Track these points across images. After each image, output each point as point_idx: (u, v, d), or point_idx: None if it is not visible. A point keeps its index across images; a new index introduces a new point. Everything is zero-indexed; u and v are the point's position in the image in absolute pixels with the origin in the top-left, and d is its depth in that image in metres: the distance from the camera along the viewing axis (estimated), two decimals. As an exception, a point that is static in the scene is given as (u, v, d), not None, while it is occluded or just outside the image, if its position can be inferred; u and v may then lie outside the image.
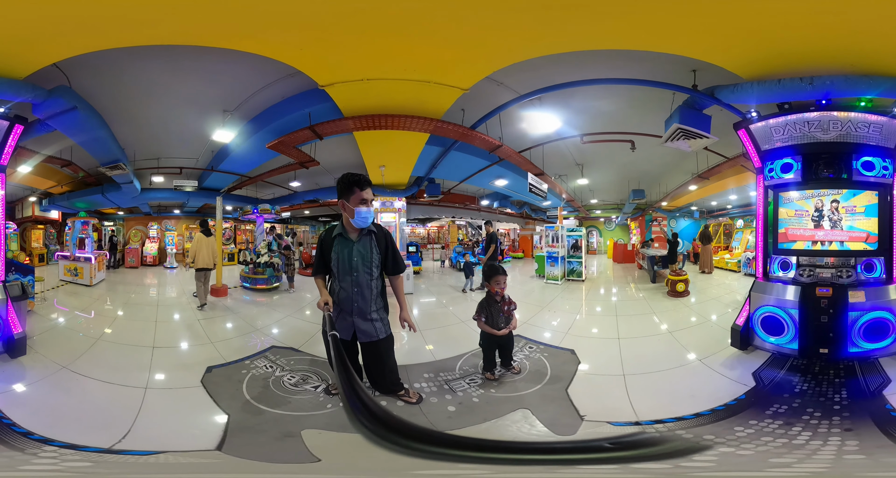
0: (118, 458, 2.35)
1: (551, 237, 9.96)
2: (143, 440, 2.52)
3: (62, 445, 2.41)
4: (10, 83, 4.00)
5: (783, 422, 2.68)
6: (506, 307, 3.64)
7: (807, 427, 2.61)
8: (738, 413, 2.86)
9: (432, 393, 3.27)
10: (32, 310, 5.77)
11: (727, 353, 4.12)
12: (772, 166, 4.24)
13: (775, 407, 2.93)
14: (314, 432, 2.67)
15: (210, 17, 3.42)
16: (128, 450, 2.41)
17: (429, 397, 3.18)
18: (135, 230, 15.23)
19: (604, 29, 3.54)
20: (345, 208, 2.93)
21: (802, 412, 2.82)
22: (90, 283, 8.74)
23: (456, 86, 4.75)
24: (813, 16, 3.04)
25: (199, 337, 5.02)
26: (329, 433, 2.68)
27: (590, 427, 2.76)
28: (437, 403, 3.11)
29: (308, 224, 22.90)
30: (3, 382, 3.30)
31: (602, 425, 2.77)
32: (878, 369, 3.59)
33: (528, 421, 2.85)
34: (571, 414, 2.95)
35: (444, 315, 6.34)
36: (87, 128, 5.84)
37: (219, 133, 6.44)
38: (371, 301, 2.98)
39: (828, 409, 2.86)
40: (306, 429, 2.70)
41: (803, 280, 4.00)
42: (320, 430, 2.72)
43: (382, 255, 3.02)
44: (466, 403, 3.13)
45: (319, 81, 4.64)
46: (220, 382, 3.47)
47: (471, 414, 2.96)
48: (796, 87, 3.80)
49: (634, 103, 5.82)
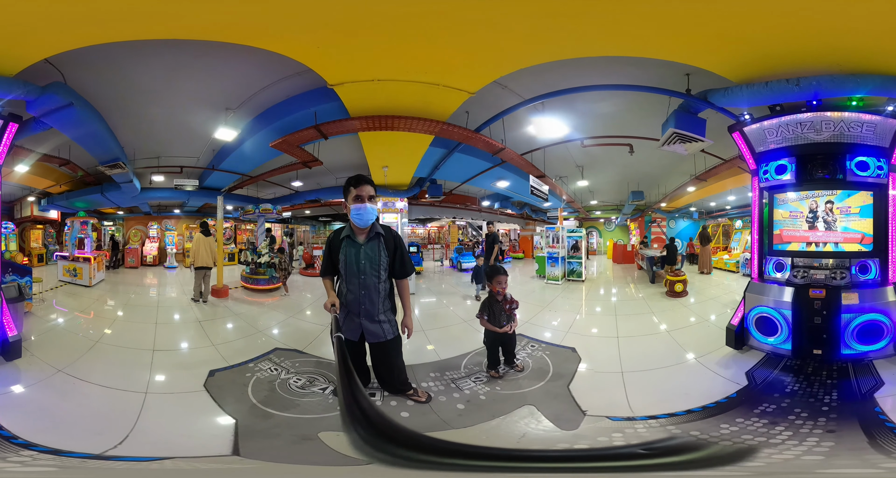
0: (104, 464, 2.24)
1: (551, 238, 10.02)
2: (142, 446, 2.44)
3: (43, 450, 2.29)
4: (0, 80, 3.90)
5: (768, 421, 2.71)
6: (507, 306, 3.72)
7: (790, 427, 2.62)
8: (727, 411, 2.90)
9: (440, 392, 3.30)
10: (30, 311, 5.74)
11: (723, 352, 4.16)
12: (766, 168, 4.27)
13: (764, 406, 2.96)
14: (332, 434, 2.59)
15: (236, 14, 3.37)
16: (123, 456, 2.31)
17: (437, 396, 3.21)
18: (135, 230, 15.20)
19: (604, 36, 3.60)
20: (346, 208, 2.95)
21: (789, 412, 2.84)
22: (89, 283, 8.69)
23: (463, 89, 4.80)
24: (795, 16, 3.07)
25: (200, 339, 4.97)
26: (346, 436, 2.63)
27: (591, 422, 2.82)
28: (446, 401, 3.14)
29: (309, 224, 22.92)
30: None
31: (602, 420, 2.83)
32: (871, 371, 3.57)
33: (535, 417, 2.90)
34: (574, 409, 3.01)
35: (445, 315, 6.38)
36: (85, 125, 5.72)
37: (221, 131, 6.36)
38: (379, 303, 2.98)
39: (815, 410, 2.88)
40: (322, 431, 2.63)
41: (797, 281, 4.03)
42: (337, 432, 2.57)
43: (390, 257, 3.00)
44: (474, 400, 3.16)
45: (329, 80, 4.62)
46: (224, 385, 3.41)
47: (480, 411, 3.00)
48: (783, 89, 3.82)
49: (633, 107, 5.88)
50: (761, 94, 3.94)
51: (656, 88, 4.75)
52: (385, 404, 3.04)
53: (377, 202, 2.96)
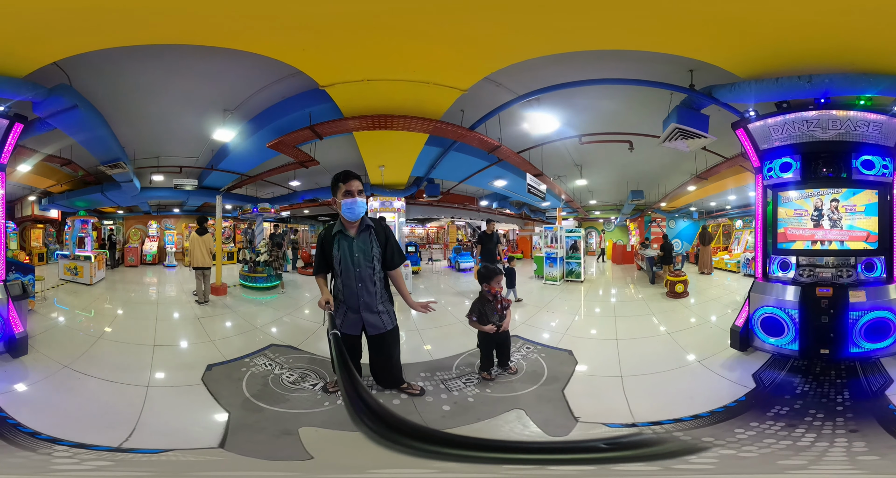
0: (132, 457, 2.34)
1: (550, 238, 9.95)
2: (149, 438, 2.53)
3: (72, 444, 2.39)
4: (10, 81, 4.00)
5: (785, 424, 2.65)
6: (499, 305, 3.65)
7: (810, 429, 2.57)
8: (738, 415, 2.83)
9: (428, 392, 3.27)
10: (33, 309, 5.75)
11: (726, 354, 4.09)
12: (770, 166, 4.22)
13: (776, 409, 2.90)
14: (311, 429, 2.70)
15: (215, 18, 3.43)
16: (137, 448, 2.42)
17: (424, 397, 3.19)
18: (134, 229, 15.22)
19: (600, 29, 3.54)
20: (335, 205, 3.03)
21: (805, 414, 2.79)
22: (90, 282, 8.73)
23: (455, 86, 4.76)
24: (811, 14, 3.03)
25: (199, 335, 5.04)
26: (325, 431, 2.69)
27: (584, 428, 2.73)
28: (433, 402, 3.11)
29: (308, 223, 22.89)
30: (6, 382, 3.27)
31: (597, 427, 2.75)
32: (879, 368, 3.56)
33: (522, 421, 2.83)
34: (566, 415, 2.93)
35: (443, 315, 6.32)
36: (88, 126, 5.84)
37: (219, 132, 6.46)
38: (376, 294, 3.05)
39: (830, 410, 2.83)
40: (304, 427, 2.71)
41: (803, 280, 3.98)
42: (317, 427, 2.72)
43: (382, 248, 3.07)
44: (461, 402, 3.12)
45: (320, 82, 4.65)
46: (221, 379, 3.50)
47: (465, 413, 2.96)
48: (795, 86, 3.79)
49: (632, 103, 5.80)
50: (771, 90, 3.90)
51: (659, 83, 4.66)
52: (377, 398, 3.03)
53: (365, 196, 3.05)
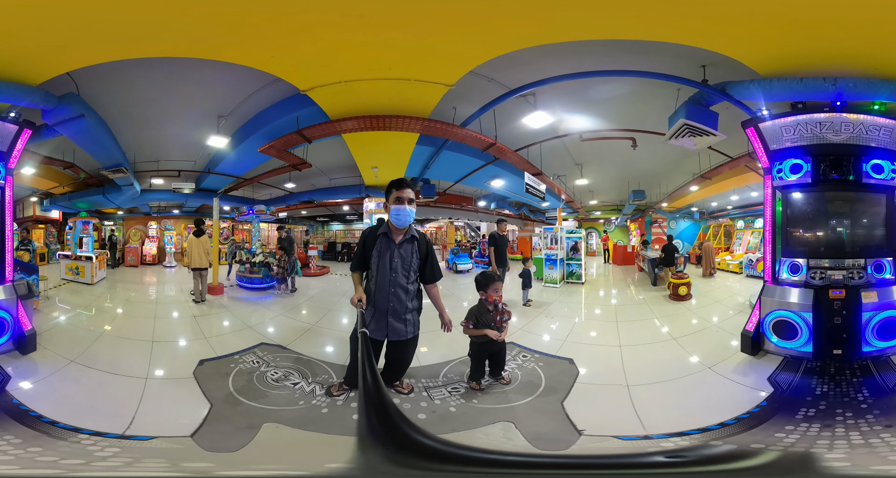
0: (131, 444, 2.47)
1: (550, 239, 9.82)
2: (146, 427, 2.70)
3: (91, 432, 2.54)
4: (25, 89, 4.13)
5: (820, 425, 2.62)
6: (498, 317, 3.45)
7: (851, 428, 2.54)
8: (767, 420, 2.74)
9: (406, 399, 3.16)
10: (37, 308, 5.82)
11: (737, 359, 4.02)
12: (780, 167, 4.15)
13: (804, 411, 2.86)
14: (272, 425, 2.79)
15: (189, 31, 3.54)
16: (135, 435, 2.60)
17: (402, 404, 3.08)
18: (134, 230, 15.23)
19: (610, 16, 3.29)
20: (386, 209, 3.12)
21: (833, 414, 2.77)
22: (91, 281, 8.77)
23: (439, 82, 4.53)
24: (847, 13, 2.93)
25: (194, 332, 5.17)
26: (286, 428, 2.74)
27: (590, 442, 2.58)
28: (410, 409, 3.01)
29: (306, 224, 22.82)
30: (20, 377, 3.46)
31: (607, 440, 2.61)
32: (891, 365, 3.64)
33: (508, 434, 2.66)
34: (566, 428, 2.74)
35: (434, 318, 6.19)
36: (93, 135, 6.06)
37: (213, 139, 6.63)
38: (407, 302, 3.11)
39: (857, 409, 2.83)
40: (268, 422, 2.81)
41: (815, 283, 3.93)
42: (279, 424, 2.80)
43: (422, 261, 3.16)
44: (441, 411, 2.99)
45: (300, 86, 4.64)
46: (210, 374, 3.64)
47: (442, 423, 2.81)
48: (819, 87, 3.75)
49: (636, 99, 5.60)
50: (794, 89, 3.86)
51: (670, 76, 4.46)
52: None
53: (415, 206, 3.14)
